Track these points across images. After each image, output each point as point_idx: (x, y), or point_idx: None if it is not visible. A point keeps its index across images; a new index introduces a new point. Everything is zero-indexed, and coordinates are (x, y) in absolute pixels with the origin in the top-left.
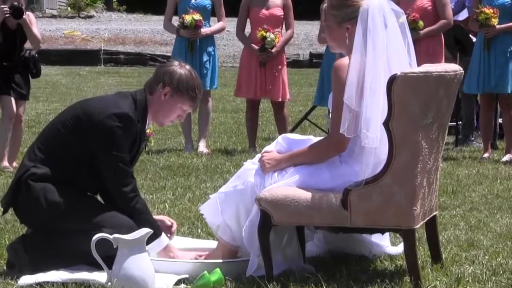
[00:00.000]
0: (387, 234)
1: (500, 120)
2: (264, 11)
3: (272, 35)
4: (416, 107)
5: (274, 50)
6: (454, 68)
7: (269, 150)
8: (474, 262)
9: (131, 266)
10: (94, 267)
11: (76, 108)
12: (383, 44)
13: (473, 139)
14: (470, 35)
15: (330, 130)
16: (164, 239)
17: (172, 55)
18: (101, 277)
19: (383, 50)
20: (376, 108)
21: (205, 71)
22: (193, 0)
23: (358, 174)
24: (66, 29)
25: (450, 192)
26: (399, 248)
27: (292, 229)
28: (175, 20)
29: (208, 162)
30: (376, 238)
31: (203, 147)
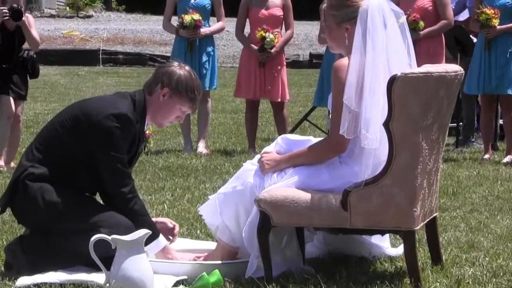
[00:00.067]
0: (387, 236)
1: (500, 121)
2: (263, 11)
3: (271, 35)
4: (417, 108)
5: (273, 51)
6: (454, 68)
7: (268, 151)
8: (474, 263)
9: (129, 267)
10: (92, 268)
11: (75, 108)
12: (383, 44)
13: (473, 140)
14: (471, 35)
15: (329, 131)
16: (162, 240)
17: (171, 55)
18: (99, 278)
19: (382, 51)
20: (376, 109)
21: (204, 72)
22: (192, 0)
23: (357, 175)
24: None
25: (451, 194)
26: (399, 250)
27: (292, 230)
28: (175, 20)
29: (207, 162)
30: (376, 239)
31: (202, 147)
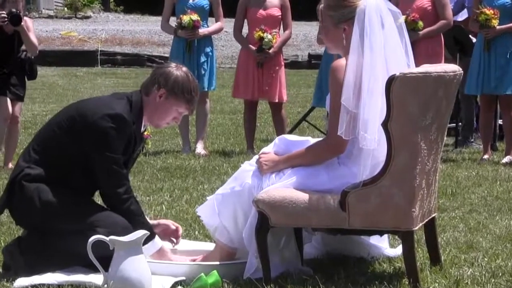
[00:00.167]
0: (385, 236)
1: (500, 122)
2: (261, 11)
3: (269, 36)
4: (415, 108)
5: (271, 51)
6: (453, 68)
7: (266, 152)
8: (473, 264)
9: (127, 268)
10: (90, 269)
11: (71, 109)
12: (381, 44)
13: (472, 140)
14: (470, 35)
15: (328, 132)
16: (157, 241)
17: (169, 56)
18: (97, 279)
19: (380, 51)
20: (374, 110)
21: (203, 72)
22: (190, 1)
23: (356, 176)
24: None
25: (450, 194)
26: (398, 250)
27: (290, 230)
28: (173, 21)
29: (206, 163)
30: (374, 240)
31: (200, 148)
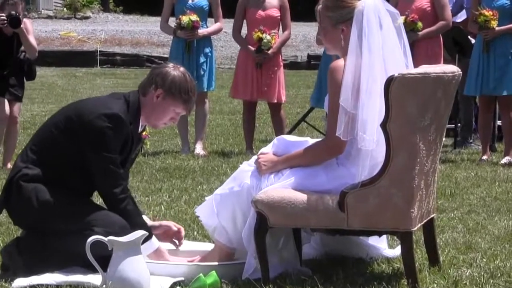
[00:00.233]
0: (384, 237)
1: (499, 122)
2: (260, 12)
3: (268, 37)
4: (414, 109)
5: (270, 52)
6: (452, 69)
7: (265, 152)
8: (472, 265)
9: (126, 269)
10: (89, 269)
11: (68, 109)
12: (379, 45)
13: (471, 141)
14: (469, 36)
15: (326, 133)
16: (154, 241)
17: (169, 56)
18: (95, 279)
19: (378, 52)
20: (373, 110)
21: (202, 73)
22: (190, 1)
23: (355, 177)
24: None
25: (448, 195)
26: (397, 251)
27: (289, 231)
28: (172, 21)
29: (205, 164)
30: (373, 240)
31: (199, 149)
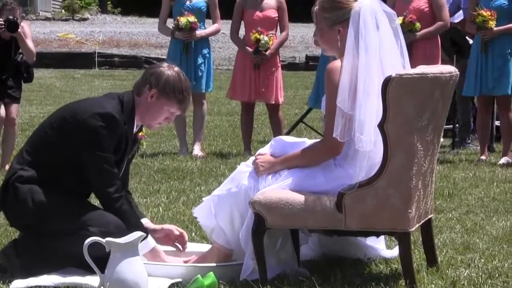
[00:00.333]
0: (382, 237)
1: (497, 123)
2: (258, 13)
3: (265, 38)
4: (411, 109)
5: (268, 53)
6: (449, 69)
7: (263, 153)
8: (469, 265)
9: (123, 270)
10: (87, 270)
11: (63, 110)
12: (376, 46)
13: (469, 142)
14: (467, 37)
15: (324, 134)
16: (150, 241)
17: (167, 57)
18: (93, 281)
19: (375, 52)
20: (370, 111)
21: (200, 74)
22: (188, 2)
23: (352, 177)
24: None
25: (446, 195)
26: (394, 251)
27: (286, 232)
28: (170, 23)
29: (203, 165)
30: (371, 241)
31: (197, 150)
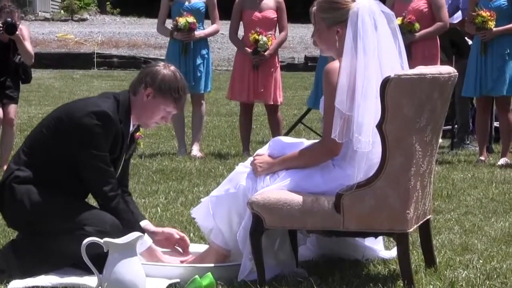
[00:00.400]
0: (380, 238)
1: (496, 124)
2: (257, 13)
3: (264, 38)
4: (410, 110)
5: (267, 53)
6: (448, 70)
7: (261, 153)
8: (468, 266)
9: (121, 271)
10: (85, 271)
11: (59, 110)
12: (374, 46)
13: (468, 142)
14: (466, 37)
15: (323, 135)
16: (147, 240)
17: (165, 58)
18: (91, 281)
19: (374, 53)
20: (369, 112)
21: (199, 74)
22: (186, 3)
23: (351, 178)
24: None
25: (445, 196)
26: (393, 252)
27: (285, 233)
28: (169, 23)
29: (201, 166)
30: (369, 242)
31: (196, 151)
